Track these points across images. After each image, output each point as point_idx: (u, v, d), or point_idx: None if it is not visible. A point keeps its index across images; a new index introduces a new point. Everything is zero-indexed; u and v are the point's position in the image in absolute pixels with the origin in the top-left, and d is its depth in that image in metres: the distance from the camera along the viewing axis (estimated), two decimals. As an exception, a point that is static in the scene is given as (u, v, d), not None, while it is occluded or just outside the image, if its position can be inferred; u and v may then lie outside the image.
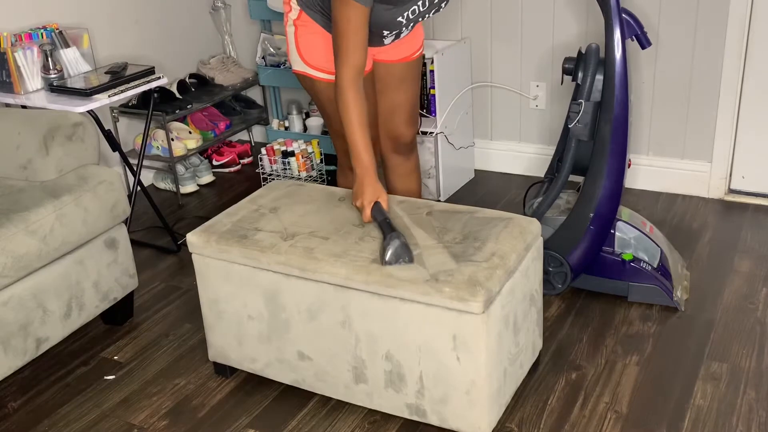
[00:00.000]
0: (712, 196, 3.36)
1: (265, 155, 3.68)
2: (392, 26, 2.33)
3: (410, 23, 2.36)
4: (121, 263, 2.63)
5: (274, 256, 2.12)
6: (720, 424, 2.13)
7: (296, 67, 2.49)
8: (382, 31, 2.34)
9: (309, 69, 2.45)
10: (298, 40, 2.44)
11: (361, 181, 2.26)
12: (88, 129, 2.62)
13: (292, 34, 2.44)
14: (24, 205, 2.33)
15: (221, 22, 4.03)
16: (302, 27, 2.42)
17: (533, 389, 2.30)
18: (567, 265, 2.62)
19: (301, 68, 2.47)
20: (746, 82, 3.17)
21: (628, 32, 2.47)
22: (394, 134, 2.69)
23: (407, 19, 2.32)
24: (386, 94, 2.63)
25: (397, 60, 2.57)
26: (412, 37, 2.54)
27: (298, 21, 2.42)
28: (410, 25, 2.38)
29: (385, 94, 2.63)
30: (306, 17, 2.40)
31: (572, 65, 2.57)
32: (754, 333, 2.48)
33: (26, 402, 2.40)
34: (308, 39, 2.42)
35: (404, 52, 2.57)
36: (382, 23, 2.30)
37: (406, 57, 2.58)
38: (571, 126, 2.55)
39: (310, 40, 2.42)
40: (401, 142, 2.72)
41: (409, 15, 2.31)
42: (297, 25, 2.42)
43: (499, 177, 3.72)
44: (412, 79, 2.66)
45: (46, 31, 3.10)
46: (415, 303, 1.97)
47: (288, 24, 2.45)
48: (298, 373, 2.25)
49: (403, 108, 2.66)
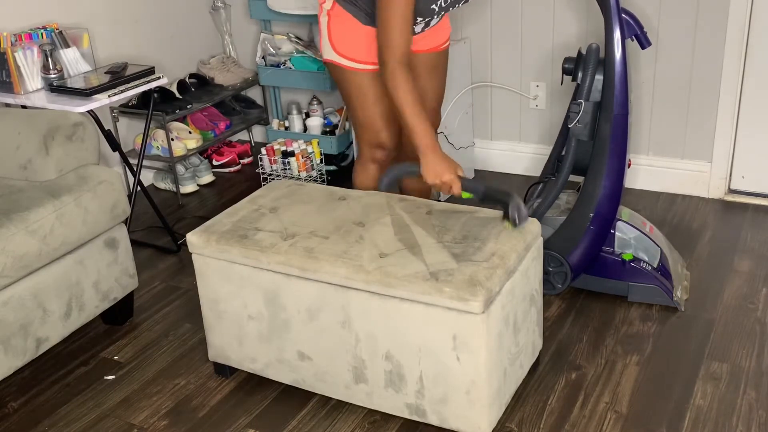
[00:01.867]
0: (712, 196, 3.36)
1: (265, 155, 3.68)
2: (426, 13, 2.38)
3: (441, 11, 2.41)
4: (121, 263, 2.63)
5: (274, 256, 2.13)
6: (720, 424, 2.13)
7: (327, 56, 2.55)
8: (416, 17, 2.38)
9: (340, 58, 2.51)
10: (330, 29, 2.51)
11: (434, 159, 2.24)
12: (88, 129, 2.62)
13: (326, 24, 2.51)
14: (24, 205, 2.33)
15: (221, 22, 4.03)
16: (335, 17, 2.49)
17: (533, 389, 2.30)
18: (567, 265, 2.62)
19: (332, 57, 2.53)
20: (746, 82, 3.17)
21: (627, 32, 2.47)
22: None
23: (440, 7, 2.38)
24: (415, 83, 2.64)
25: (426, 50, 2.62)
26: (439, 27, 2.60)
27: (332, 11, 2.49)
28: (441, 13, 2.43)
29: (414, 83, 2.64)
30: (339, 8, 2.47)
31: (572, 65, 2.57)
32: (754, 333, 2.48)
33: (26, 402, 2.40)
34: (341, 29, 2.49)
35: (432, 43, 2.62)
36: (416, 9, 2.33)
37: (434, 47, 2.64)
38: (571, 126, 2.55)
39: (342, 30, 2.49)
40: None
41: (441, 3, 2.37)
42: (330, 15, 2.50)
43: (499, 177, 3.72)
44: (442, 69, 2.72)
45: (46, 31, 3.10)
46: (415, 303, 1.97)
47: (322, 14, 2.52)
48: (298, 373, 2.25)
49: (430, 97, 2.69)
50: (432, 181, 2.24)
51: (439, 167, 2.23)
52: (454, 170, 2.23)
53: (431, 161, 2.24)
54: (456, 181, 2.20)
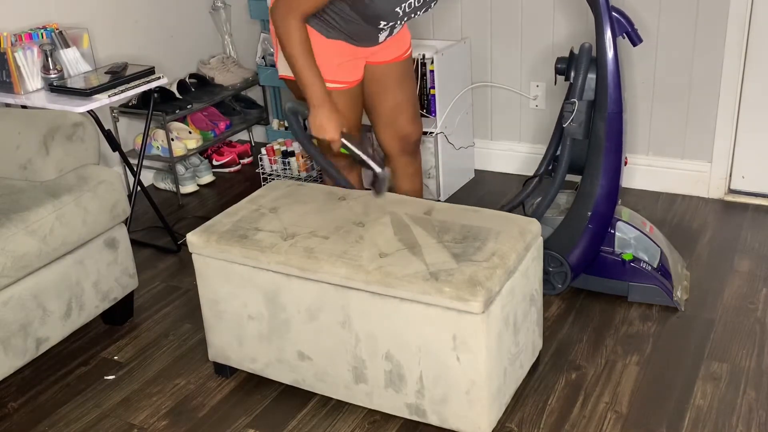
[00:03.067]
0: (712, 196, 3.36)
1: (265, 155, 3.68)
2: (389, 16, 2.35)
3: (405, 16, 2.38)
4: (121, 263, 2.63)
5: (274, 256, 2.13)
6: (720, 424, 2.13)
7: (286, 72, 2.50)
8: (380, 21, 2.36)
9: None
10: None
11: (322, 113, 2.29)
12: (88, 129, 2.62)
13: None
14: (24, 205, 2.33)
15: (221, 22, 4.03)
16: None
17: (533, 389, 2.30)
18: (567, 265, 2.62)
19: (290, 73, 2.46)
20: (746, 82, 3.17)
21: (618, 30, 2.47)
22: (401, 134, 2.71)
23: (403, 11, 2.35)
24: (387, 95, 2.64)
25: (391, 60, 2.61)
26: (401, 36, 2.60)
27: None
28: (404, 19, 2.40)
29: (386, 95, 2.64)
30: None
31: (564, 65, 2.57)
32: (754, 333, 2.48)
33: (26, 402, 2.40)
34: None
35: (396, 52, 2.61)
36: (381, 13, 2.32)
37: (398, 57, 2.62)
38: (566, 125, 2.55)
39: None
40: (410, 140, 2.74)
41: (405, 8, 2.34)
42: None
43: (499, 177, 3.72)
44: (410, 77, 2.71)
45: (46, 31, 3.10)
46: (415, 303, 1.97)
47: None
48: (298, 373, 2.26)
49: (406, 106, 2.69)
50: (315, 134, 2.31)
51: (325, 122, 2.29)
52: (339, 128, 2.29)
53: (319, 115, 2.29)
54: (336, 141, 2.28)
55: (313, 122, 2.31)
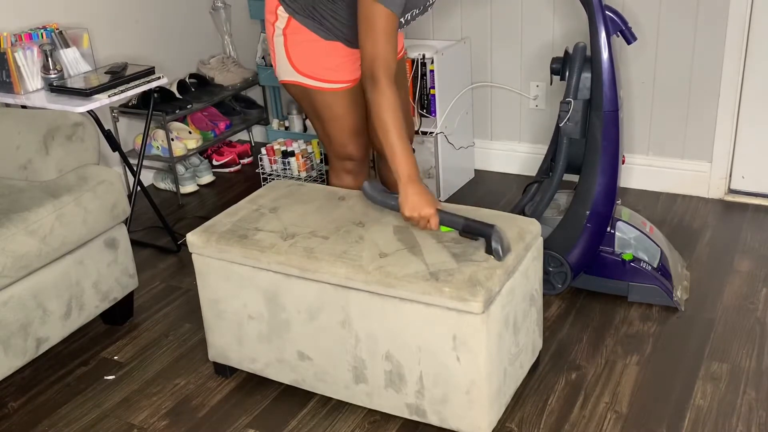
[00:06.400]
0: (712, 196, 3.36)
1: (265, 155, 3.68)
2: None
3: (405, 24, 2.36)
4: (121, 263, 2.63)
5: (274, 256, 2.13)
6: (720, 424, 2.13)
7: (286, 77, 2.46)
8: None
9: (303, 78, 2.43)
10: (288, 49, 2.40)
11: (413, 191, 2.10)
12: (88, 129, 2.62)
13: (281, 44, 2.41)
14: (24, 205, 2.33)
15: (221, 22, 4.03)
16: (293, 36, 2.38)
17: (533, 389, 2.30)
18: (567, 264, 2.62)
19: (294, 78, 2.44)
20: (746, 82, 3.17)
21: (612, 28, 2.47)
22: None
23: (406, 20, 2.34)
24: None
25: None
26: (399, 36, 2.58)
27: (288, 30, 2.38)
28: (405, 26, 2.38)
29: None
30: (296, 25, 2.37)
31: (559, 65, 2.58)
32: (754, 333, 2.48)
33: (26, 402, 2.40)
34: (300, 48, 2.40)
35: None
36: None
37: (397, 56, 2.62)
38: (562, 125, 2.55)
39: (302, 49, 2.40)
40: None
41: (408, 17, 2.33)
42: (287, 34, 2.39)
43: (499, 177, 3.72)
44: (405, 78, 2.73)
45: (46, 31, 3.10)
46: (415, 303, 1.97)
47: (275, 34, 2.41)
48: (298, 373, 2.26)
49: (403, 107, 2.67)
50: (409, 215, 2.09)
51: (417, 200, 2.08)
52: (433, 204, 2.09)
53: (411, 193, 2.09)
54: (434, 216, 2.07)
55: (404, 201, 2.10)
